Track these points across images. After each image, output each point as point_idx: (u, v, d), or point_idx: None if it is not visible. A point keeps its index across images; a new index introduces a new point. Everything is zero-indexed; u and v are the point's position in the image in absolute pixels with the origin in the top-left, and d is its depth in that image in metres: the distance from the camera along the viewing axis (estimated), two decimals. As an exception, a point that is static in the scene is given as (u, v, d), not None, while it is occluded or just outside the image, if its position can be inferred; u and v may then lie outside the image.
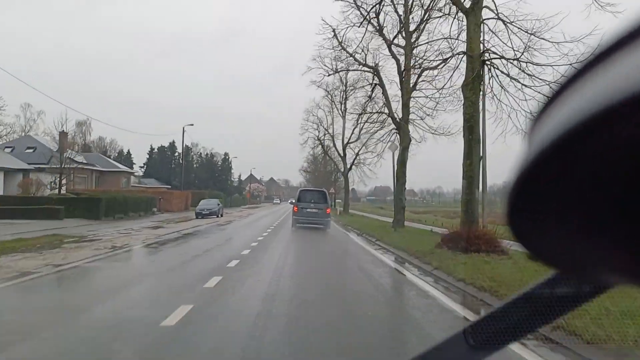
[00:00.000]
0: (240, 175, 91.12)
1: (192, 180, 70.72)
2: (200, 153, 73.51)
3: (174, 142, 71.08)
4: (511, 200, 0.36)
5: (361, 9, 18.69)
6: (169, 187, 64.44)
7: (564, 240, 0.36)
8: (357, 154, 37.57)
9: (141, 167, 71.85)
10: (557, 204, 0.34)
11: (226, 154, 76.50)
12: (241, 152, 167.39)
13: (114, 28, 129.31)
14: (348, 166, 39.30)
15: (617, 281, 0.39)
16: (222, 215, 35.19)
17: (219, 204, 34.85)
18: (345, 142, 38.86)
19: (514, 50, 12.34)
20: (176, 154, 72.14)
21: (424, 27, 18.18)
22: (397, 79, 19.38)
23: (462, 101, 12.18)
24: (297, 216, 23.20)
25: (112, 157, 70.58)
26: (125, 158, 71.53)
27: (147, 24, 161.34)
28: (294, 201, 25.98)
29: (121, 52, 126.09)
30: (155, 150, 71.60)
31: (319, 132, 43.86)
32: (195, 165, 74.12)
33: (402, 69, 18.47)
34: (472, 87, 11.76)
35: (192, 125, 48.53)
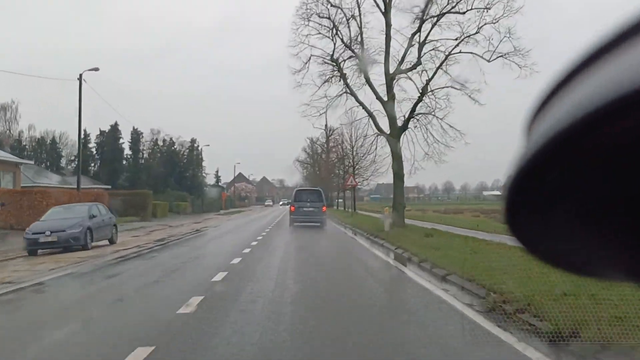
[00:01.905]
0: (217, 171, 70.63)
1: (143, 177, 50.23)
2: (156, 139, 53.06)
3: (116, 124, 50.60)
4: (509, 196, 0.36)
5: None
6: (109, 187, 44.15)
7: (561, 237, 0.36)
8: (424, 92, 16.81)
9: (71, 160, 51.30)
10: (555, 201, 0.34)
11: (193, 141, 56.08)
12: (234, 150, 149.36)
13: (109, 22, 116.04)
14: (401, 120, 17.49)
15: (616, 278, 0.38)
16: (112, 242, 14.99)
17: (93, 216, 14.32)
18: (393, 71, 17.14)
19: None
20: (121, 140, 51.62)
21: None
22: None
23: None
24: (294, 215, 23.55)
25: (27, 147, 50.12)
26: (49, 150, 51.11)
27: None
28: (287, 202, 33.17)
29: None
30: (91, 136, 51.01)
31: (334, 43, 18.34)
32: (155, 158, 53.56)
33: None
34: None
35: (96, 70, 27.34)
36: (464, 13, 15.69)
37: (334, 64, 17.80)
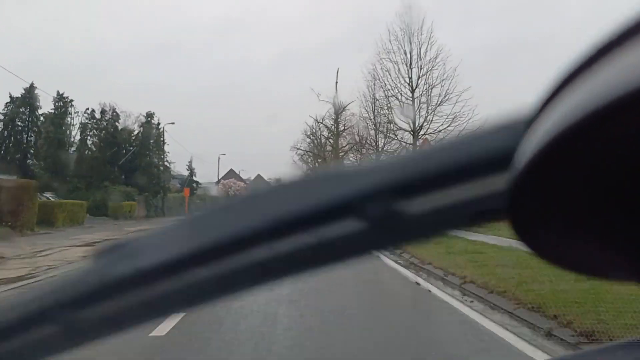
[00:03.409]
0: (191, 161, 54.48)
1: (70, 164, 34.37)
2: (92, 111, 36.69)
3: (32, 87, 34.61)
4: (512, 198, 0.36)
5: None
6: (13, 178, 28.31)
7: (566, 237, 0.36)
8: None
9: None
10: (559, 200, 0.34)
11: (150, 116, 39.86)
12: (233, 150, 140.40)
13: (110, 22, 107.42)
14: None
15: (623, 278, 0.39)
16: None
17: None
18: None
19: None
20: (39, 110, 35.65)
21: None
22: None
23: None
24: None
25: None
26: None
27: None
28: None
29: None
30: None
31: None
32: (95, 140, 37.45)
33: None
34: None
35: None
36: None
37: None
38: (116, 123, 36.86)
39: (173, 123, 41.60)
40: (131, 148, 38.68)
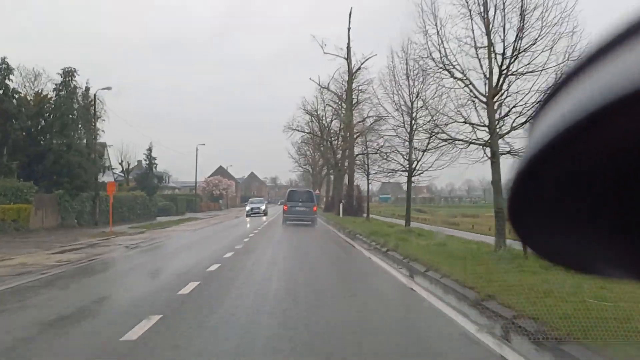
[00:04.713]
0: (150, 149, 40.69)
1: None
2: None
3: None
4: (512, 196, 0.36)
5: None
6: None
7: (566, 236, 0.36)
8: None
9: None
10: (558, 200, 0.34)
11: (68, 74, 26.09)
12: (232, 151, 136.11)
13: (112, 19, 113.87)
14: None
15: (621, 276, 0.39)
16: None
17: None
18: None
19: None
20: None
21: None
22: None
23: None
24: (287, 214, 25.29)
25: None
26: None
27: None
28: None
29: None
30: None
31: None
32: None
33: None
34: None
35: None
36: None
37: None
38: (6, 81, 23.16)
39: (110, 88, 27.95)
40: (44, 122, 25.21)
